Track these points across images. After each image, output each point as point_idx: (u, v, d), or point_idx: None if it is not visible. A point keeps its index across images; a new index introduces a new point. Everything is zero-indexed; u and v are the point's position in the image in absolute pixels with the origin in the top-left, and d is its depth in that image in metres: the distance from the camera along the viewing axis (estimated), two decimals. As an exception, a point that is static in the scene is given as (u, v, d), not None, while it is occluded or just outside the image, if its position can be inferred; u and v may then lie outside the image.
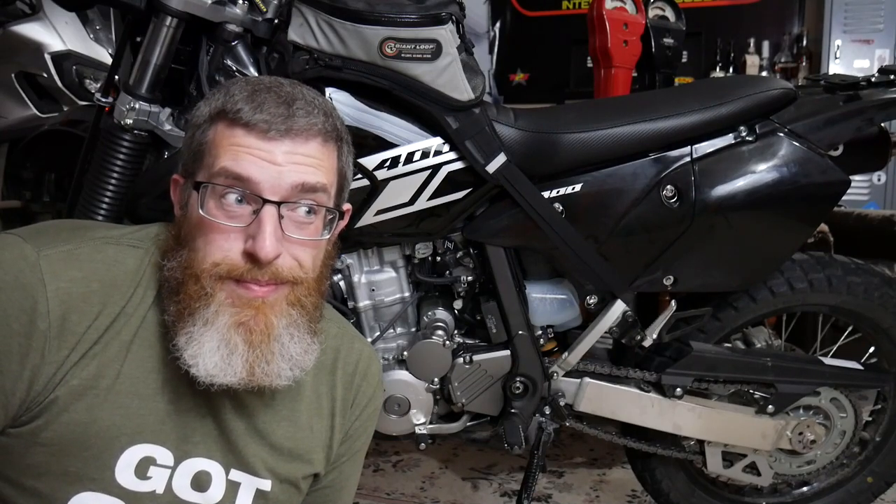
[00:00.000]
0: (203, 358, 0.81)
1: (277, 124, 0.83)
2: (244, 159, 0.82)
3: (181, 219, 0.87)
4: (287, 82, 0.89)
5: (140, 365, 0.85)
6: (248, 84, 0.87)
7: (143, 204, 1.31)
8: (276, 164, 0.82)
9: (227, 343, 0.81)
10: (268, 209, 0.81)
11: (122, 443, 0.84)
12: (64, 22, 2.70)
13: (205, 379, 0.81)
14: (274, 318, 0.84)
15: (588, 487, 2.03)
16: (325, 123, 0.87)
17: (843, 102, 1.47)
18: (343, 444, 1.02)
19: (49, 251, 0.82)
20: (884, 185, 4.07)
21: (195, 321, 0.81)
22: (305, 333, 0.87)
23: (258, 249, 0.80)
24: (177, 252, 0.85)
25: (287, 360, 0.84)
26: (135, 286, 0.85)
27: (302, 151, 0.84)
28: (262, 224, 0.81)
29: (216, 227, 0.82)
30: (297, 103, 0.85)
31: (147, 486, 0.85)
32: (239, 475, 0.92)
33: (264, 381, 0.83)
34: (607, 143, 1.41)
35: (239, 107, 0.83)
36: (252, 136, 0.82)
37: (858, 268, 1.57)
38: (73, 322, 0.81)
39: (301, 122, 0.84)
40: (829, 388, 1.62)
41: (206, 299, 0.81)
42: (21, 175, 2.35)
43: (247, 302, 0.82)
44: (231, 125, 0.83)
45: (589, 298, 1.51)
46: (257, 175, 0.82)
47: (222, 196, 0.82)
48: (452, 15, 1.29)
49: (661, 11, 3.01)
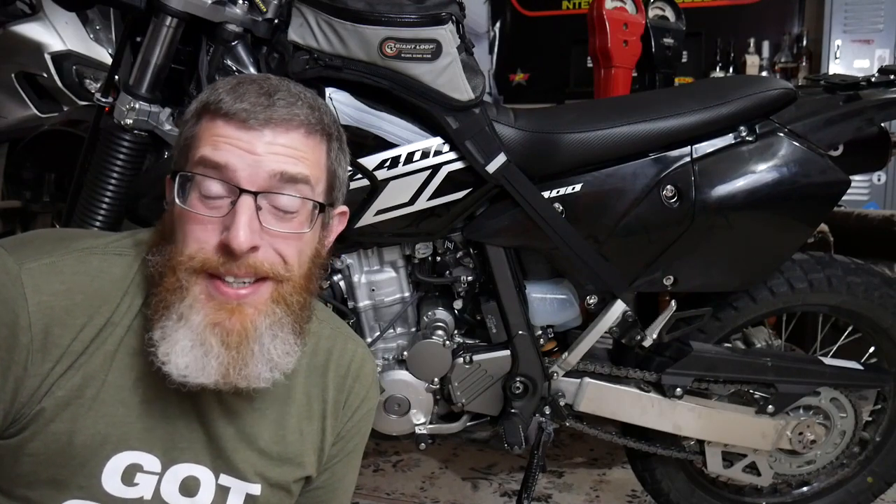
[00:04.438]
0: (176, 356, 0.79)
1: (257, 113, 0.82)
2: (222, 148, 0.81)
3: (168, 213, 0.86)
4: (276, 78, 0.88)
5: (125, 373, 0.84)
6: (234, 78, 0.86)
7: (143, 204, 1.31)
8: (254, 153, 0.81)
9: (202, 343, 0.80)
10: (244, 199, 0.80)
11: (108, 451, 0.83)
12: (64, 22, 2.70)
13: (177, 378, 0.80)
14: (255, 317, 0.82)
15: (588, 487, 2.03)
16: (310, 116, 0.85)
17: (843, 102, 1.47)
18: (335, 445, 1.01)
19: (31, 264, 0.80)
20: (884, 185, 4.08)
21: (170, 315, 0.80)
22: (289, 334, 0.85)
23: (231, 239, 0.78)
24: (162, 246, 0.84)
25: (266, 361, 0.83)
26: (122, 295, 0.84)
27: (282, 142, 0.82)
28: (238, 214, 0.79)
29: (194, 217, 0.81)
30: (279, 94, 0.84)
31: (134, 493, 0.85)
32: (228, 480, 0.91)
33: (240, 383, 0.82)
34: (607, 143, 1.41)
35: (220, 97, 0.83)
36: (231, 125, 0.81)
37: (858, 268, 1.57)
38: (56, 335, 0.80)
39: (281, 112, 0.83)
40: (829, 388, 1.62)
41: (181, 292, 0.80)
42: (21, 175, 2.35)
43: (222, 303, 0.81)
44: (213, 117, 0.83)
45: (589, 298, 1.51)
46: (234, 163, 0.80)
47: (201, 187, 0.81)
48: (452, 15, 1.29)
49: (661, 11, 3.02)
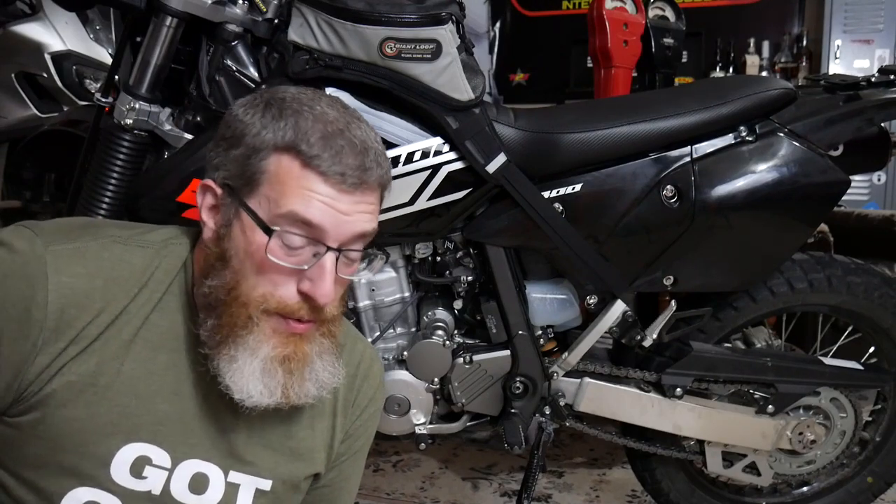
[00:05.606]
0: (246, 385, 0.84)
1: (352, 178, 0.83)
2: (315, 207, 0.82)
3: (224, 237, 0.86)
4: (354, 122, 0.86)
5: (141, 365, 0.86)
6: (318, 121, 0.83)
7: (143, 204, 1.31)
8: (343, 213, 0.83)
9: (269, 371, 0.84)
10: (330, 256, 0.83)
11: (119, 440, 0.84)
12: (64, 22, 2.70)
13: (247, 403, 0.85)
14: (308, 347, 0.87)
15: (588, 487, 2.03)
16: (385, 175, 0.88)
17: (843, 102, 1.47)
18: (343, 443, 1.03)
19: (57, 247, 0.83)
20: (884, 185, 4.08)
21: (237, 346, 0.84)
22: (332, 356, 0.90)
23: (318, 295, 0.83)
24: (219, 272, 0.85)
25: (315, 382, 0.88)
26: (140, 287, 0.86)
27: (367, 201, 0.85)
28: (324, 270, 0.83)
29: (276, 266, 0.83)
30: (370, 154, 0.85)
31: (143, 486, 0.86)
32: (238, 476, 0.92)
33: (295, 402, 0.87)
34: (607, 143, 1.41)
35: (316, 153, 0.82)
36: (327, 185, 0.82)
37: (858, 268, 1.57)
38: (72, 316, 0.82)
39: (373, 176, 0.85)
40: (829, 388, 1.62)
41: (251, 328, 0.84)
42: (21, 175, 2.34)
43: (287, 336, 0.85)
44: (304, 167, 0.82)
45: (589, 298, 1.51)
46: (326, 223, 0.82)
47: (286, 238, 0.83)
48: (452, 15, 1.29)
49: (661, 11, 3.02)
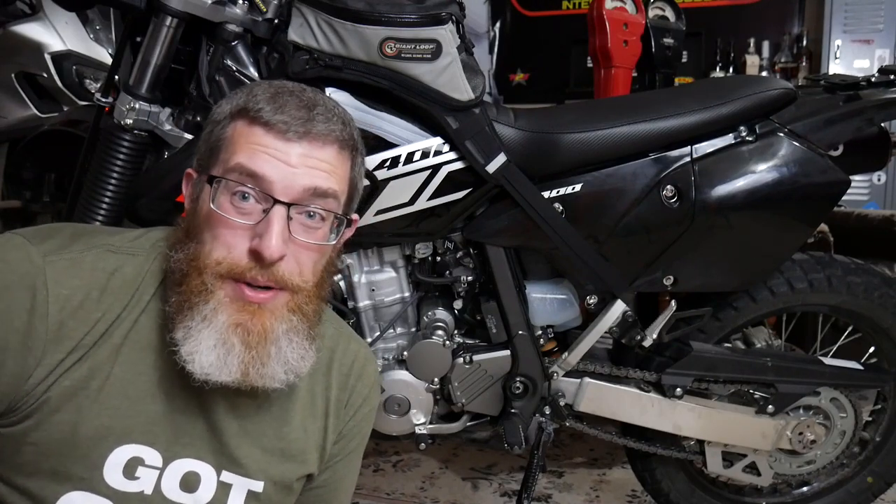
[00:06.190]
0: (200, 355, 0.82)
1: (296, 126, 0.84)
2: (260, 157, 0.83)
3: (191, 212, 0.88)
4: (310, 89, 0.90)
5: (131, 367, 0.86)
6: (272, 86, 0.88)
7: (143, 204, 1.31)
8: (290, 165, 0.83)
9: (225, 342, 0.82)
10: (278, 209, 0.82)
11: (111, 443, 0.84)
12: (64, 22, 2.70)
13: (200, 376, 0.82)
14: (273, 321, 0.85)
15: (588, 487, 2.03)
16: (343, 132, 0.88)
17: (843, 102, 1.47)
18: (336, 444, 1.02)
19: (54, 257, 0.83)
20: (884, 185, 4.08)
21: (193, 316, 0.83)
22: (304, 339, 0.88)
23: (264, 248, 0.81)
24: (185, 244, 0.86)
25: (283, 364, 0.86)
26: (131, 295, 0.87)
27: (317, 156, 0.85)
28: (271, 223, 0.82)
29: (225, 221, 0.83)
30: (318, 108, 0.86)
31: (135, 487, 0.86)
32: (231, 476, 0.92)
33: (258, 383, 0.84)
34: (607, 143, 1.41)
35: (260, 106, 0.85)
36: (270, 135, 0.84)
37: (858, 268, 1.57)
38: (70, 328, 0.82)
39: (320, 127, 0.85)
40: (829, 388, 1.62)
41: (206, 295, 0.83)
42: (21, 175, 2.34)
43: (244, 305, 0.84)
44: (251, 123, 0.85)
45: (589, 298, 1.51)
46: (271, 174, 0.83)
47: (234, 192, 0.83)
48: (452, 15, 1.29)
49: (661, 11, 3.02)
